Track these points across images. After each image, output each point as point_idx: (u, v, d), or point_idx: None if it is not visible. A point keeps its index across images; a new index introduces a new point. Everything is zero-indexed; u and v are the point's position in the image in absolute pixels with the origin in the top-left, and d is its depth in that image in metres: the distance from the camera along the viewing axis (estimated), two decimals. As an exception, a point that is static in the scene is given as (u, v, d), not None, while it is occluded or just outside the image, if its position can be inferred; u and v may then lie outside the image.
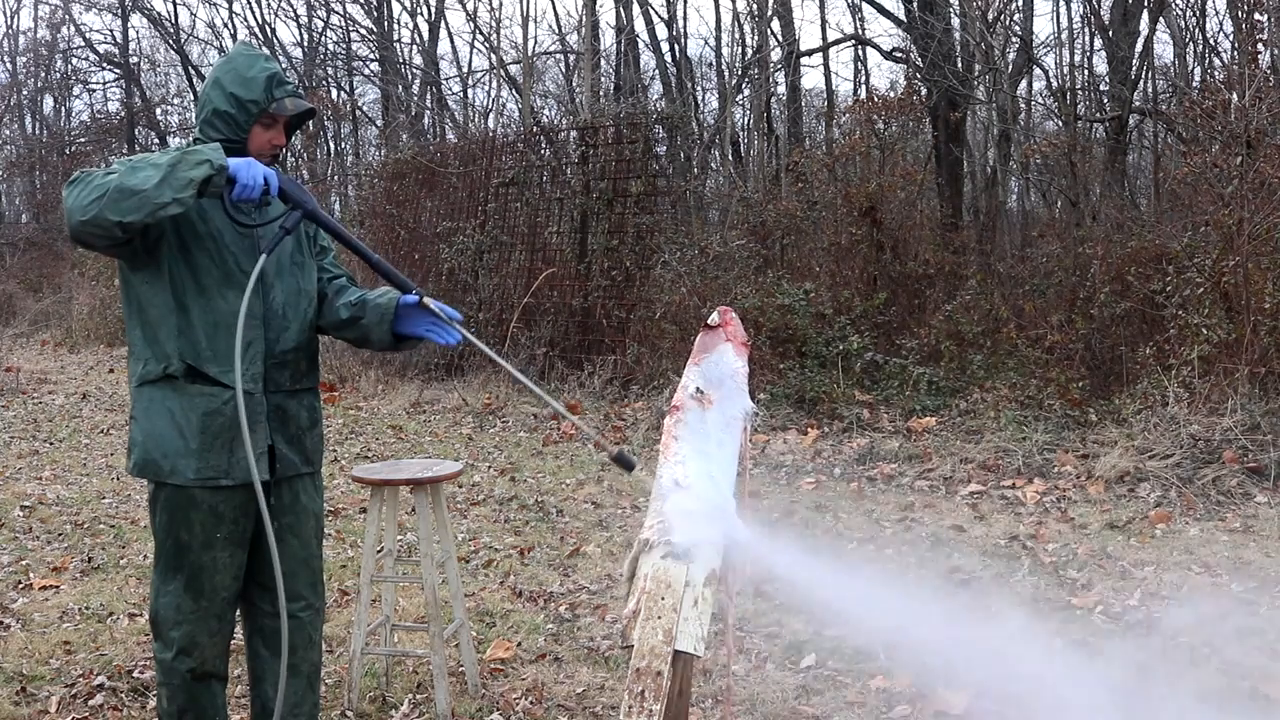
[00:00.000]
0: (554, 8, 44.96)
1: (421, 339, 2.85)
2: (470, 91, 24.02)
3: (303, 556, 2.87)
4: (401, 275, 2.84)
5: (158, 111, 27.31)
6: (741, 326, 2.76)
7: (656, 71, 20.55)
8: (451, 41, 25.95)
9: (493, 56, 18.98)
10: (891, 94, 13.92)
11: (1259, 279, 6.83)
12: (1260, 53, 8.57)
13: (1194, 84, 12.37)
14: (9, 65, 27.91)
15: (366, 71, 23.86)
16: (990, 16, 13.54)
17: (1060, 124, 13.52)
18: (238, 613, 2.89)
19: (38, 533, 5.98)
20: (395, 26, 23.12)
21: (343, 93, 24.37)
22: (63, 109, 28.77)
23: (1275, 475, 6.09)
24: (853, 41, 18.52)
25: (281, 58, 23.81)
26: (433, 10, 22.84)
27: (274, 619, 2.81)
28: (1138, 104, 13.49)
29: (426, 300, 2.77)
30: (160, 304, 2.66)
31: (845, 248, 9.80)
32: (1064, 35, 16.02)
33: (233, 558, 2.74)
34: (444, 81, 22.70)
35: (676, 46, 19.66)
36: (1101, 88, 14.35)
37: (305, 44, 24.11)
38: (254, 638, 2.91)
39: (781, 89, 18.69)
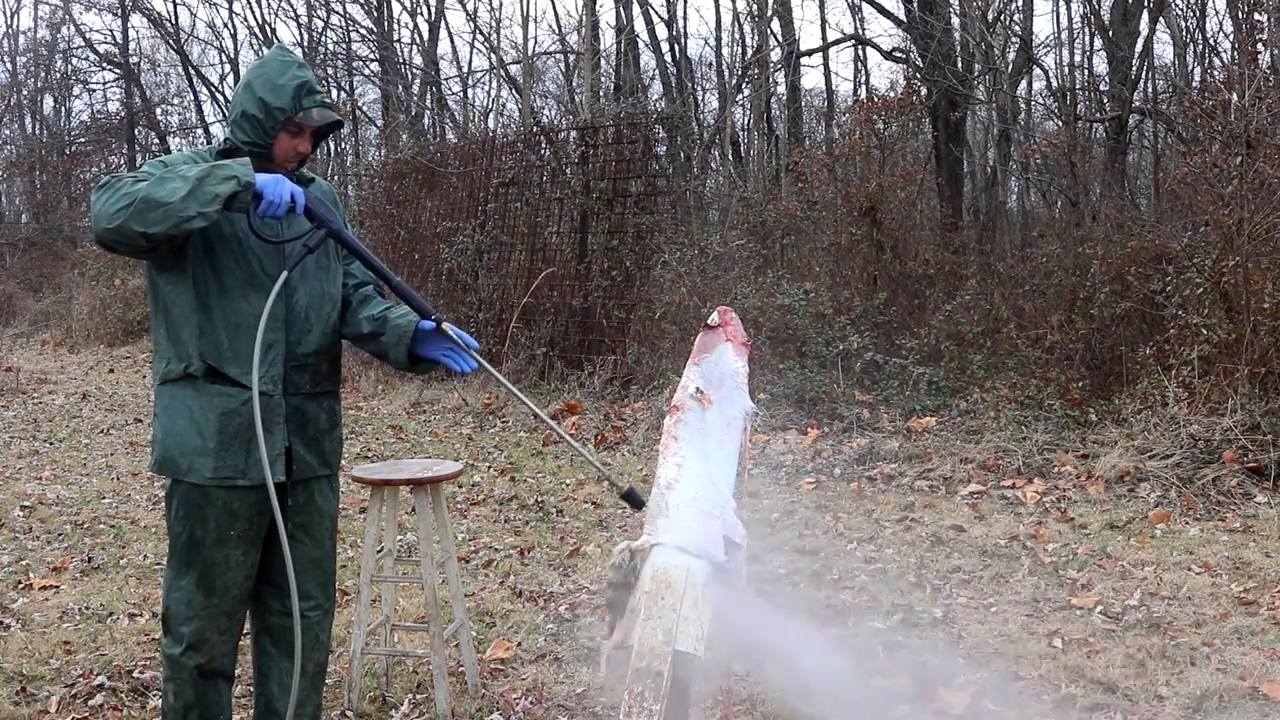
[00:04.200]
0: (554, 8, 44.97)
1: (438, 363, 2.87)
2: (470, 91, 24.04)
3: (315, 557, 2.88)
4: (421, 299, 2.86)
5: (158, 111, 27.33)
6: (741, 326, 2.76)
7: (656, 71, 20.55)
8: (451, 41, 25.97)
9: (493, 56, 18.99)
10: (891, 94, 13.91)
11: (1259, 279, 6.82)
12: (1260, 53, 8.57)
13: (1194, 84, 12.36)
14: (9, 65, 27.94)
15: (366, 71, 23.86)
16: (990, 16, 13.55)
17: (1060, 124, 13.52)
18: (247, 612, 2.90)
19: (38, 533, 5.98)
20: (395, 26, 23.14)
21: (343, 93, 24.37)
22: (63, 109, 28.81)
23: (1275, 475, 6.09)
24: (853, 41, 18.52)
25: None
26: (433, 10, 22.86)
27: (283, 617, 2.83)
28: (1138, 104, 13.49)
29: (445, 326, 2.79)
30: (184, 304, 2.68)
31: (845, 248, 9.80)
32: (1064, 35, 16.02)
33: (245, 556, 2.75)
34: (444, 81, 22.70)
35: (676, 46, 19.66)
36: (1101, 88, 14.34)
37: (305, 44, 24.10)
38: (261, 635, 2.92)
39: (781, 89, 18.71)
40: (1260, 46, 8.61)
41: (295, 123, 2.71)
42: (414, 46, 23.16)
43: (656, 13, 19.65)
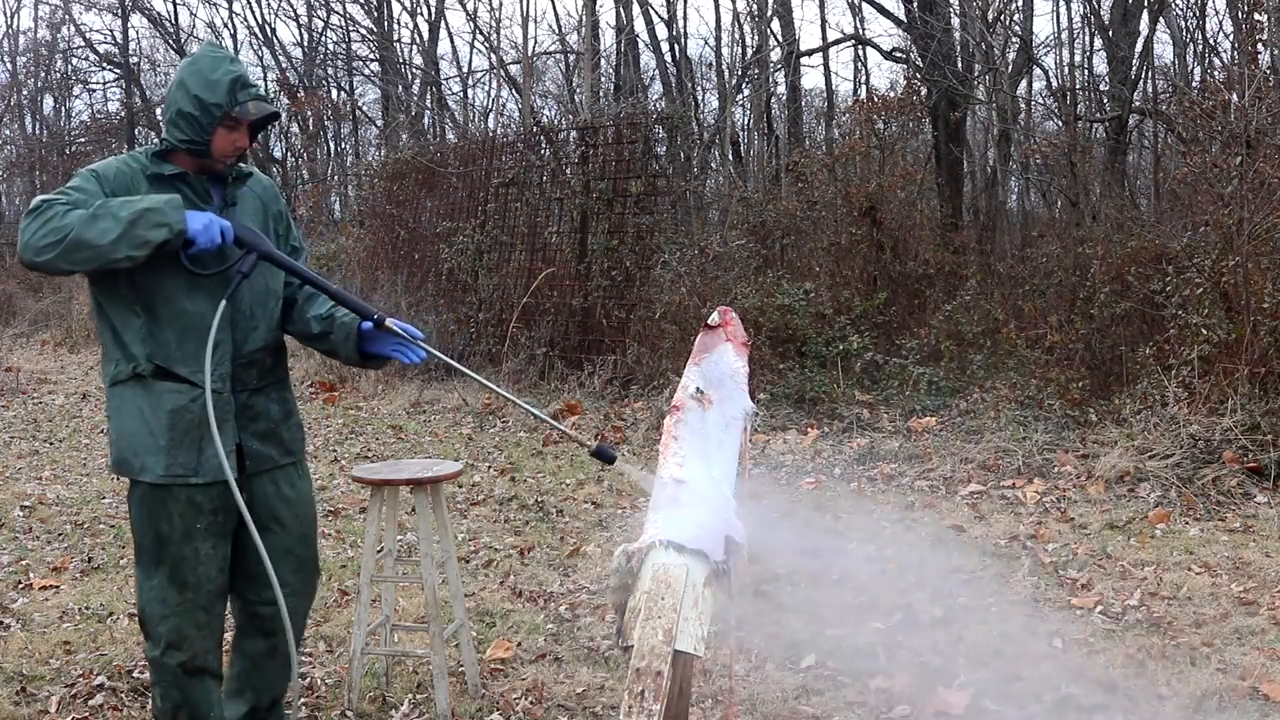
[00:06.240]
0: (554, 8, 45.04)
1: (389, 359, 2.89)
2: (470, 91, 24.06)
3: (286, 545, 2.88)
4: (359, 300, 2.89)
5: (158, 111, 27.30)
6: (741, 326, 2.76)
7: (656, 71, 20.56)
8: (451, 41, 25.99)
9: (493, 56, 19.00)
10: (891, 94, 13.93)
11: (1259, 279, 6.82)
12: (1260, 53, 8.58)
13: (1194, 84, 12.37)
14: (9, 65, 27.92)
15: (366, 71, 23.88)
16: (990, 16, 13.55)
17: (1060, 124, 13.52)
18: (228, 610, 2.90)
19: (38, 533, 5.98)
20: (395, 26, 23.15)
21: (343, 93, 24.39)
22: (63, 109, 28.78)
23: (1275, 475, 6.09)
24: (853, 41, 18.52)
25: (281, 58, 23.83)
26: (433, 10, 22.87)
27: (264, 606, 2.84)
28: (1138, 104, 13.49)
29: (388, 323, 2.81)
30: (123, 309, 2.69)
31: (845, 248, 9.80)
32: (1064, 35, 16.03)
33: (215, 549, 2.75)
34: (444, 81, 22.71)
35: (676, 46, 19.66)
36: (1101, 88, 14.34)
37: (305, 44, 24.13)
38: (245, 627, 2.94)
39: (781, 89, 18.72)
40: (1260, 46, 8.62)
41: (232, 117, 2.69)
42: (414, 46, 23.17)
43: (656, 13, 19.66)
